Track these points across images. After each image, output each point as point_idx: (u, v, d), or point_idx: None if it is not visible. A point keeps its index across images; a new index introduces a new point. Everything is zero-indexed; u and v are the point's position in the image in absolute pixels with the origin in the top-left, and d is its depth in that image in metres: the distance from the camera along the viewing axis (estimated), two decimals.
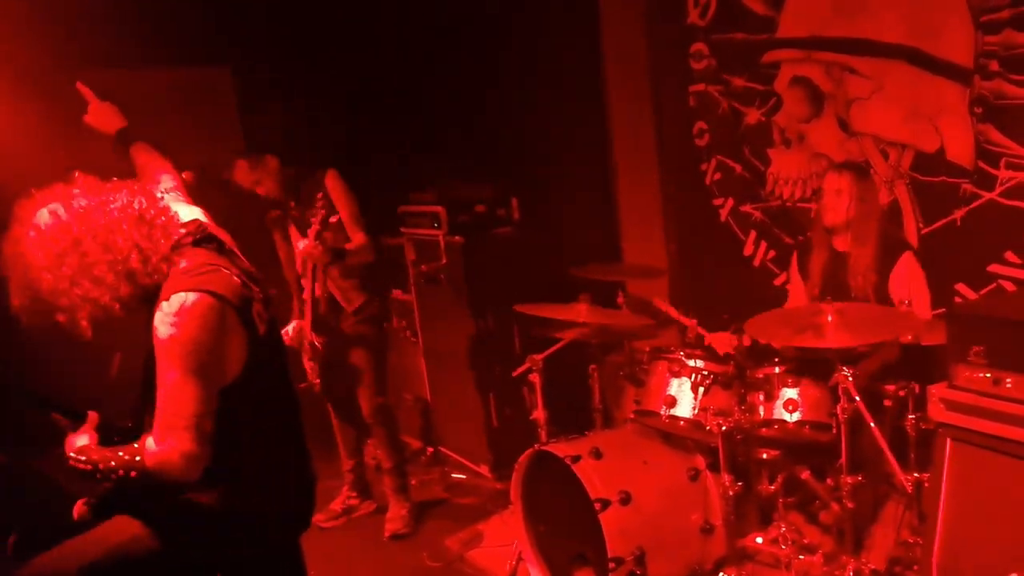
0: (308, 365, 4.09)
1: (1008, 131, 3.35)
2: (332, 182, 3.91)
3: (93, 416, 2.19)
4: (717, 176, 4.59)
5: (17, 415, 4.10)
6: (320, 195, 3.75)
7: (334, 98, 5.37)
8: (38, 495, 3.85)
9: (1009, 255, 3.42)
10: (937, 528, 2.50)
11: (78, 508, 2.20)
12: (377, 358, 4.08)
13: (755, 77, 4.29)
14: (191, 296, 1.94)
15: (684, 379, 3.20)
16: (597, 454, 3.22)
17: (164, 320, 1.93)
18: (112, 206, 1.99)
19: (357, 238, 3.91)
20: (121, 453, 1.93)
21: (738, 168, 4.47)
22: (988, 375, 2.36)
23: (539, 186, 4.88)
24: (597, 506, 3.06)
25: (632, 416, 3.42)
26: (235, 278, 2.08)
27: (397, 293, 5.09)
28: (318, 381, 4.09)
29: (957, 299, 3.55)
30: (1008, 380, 2.32)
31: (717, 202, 4.61)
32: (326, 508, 4.29)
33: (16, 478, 3.89)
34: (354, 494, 4.34)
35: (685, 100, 4.63)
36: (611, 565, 3.02)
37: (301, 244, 3.80)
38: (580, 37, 4.85)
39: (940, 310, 3.39)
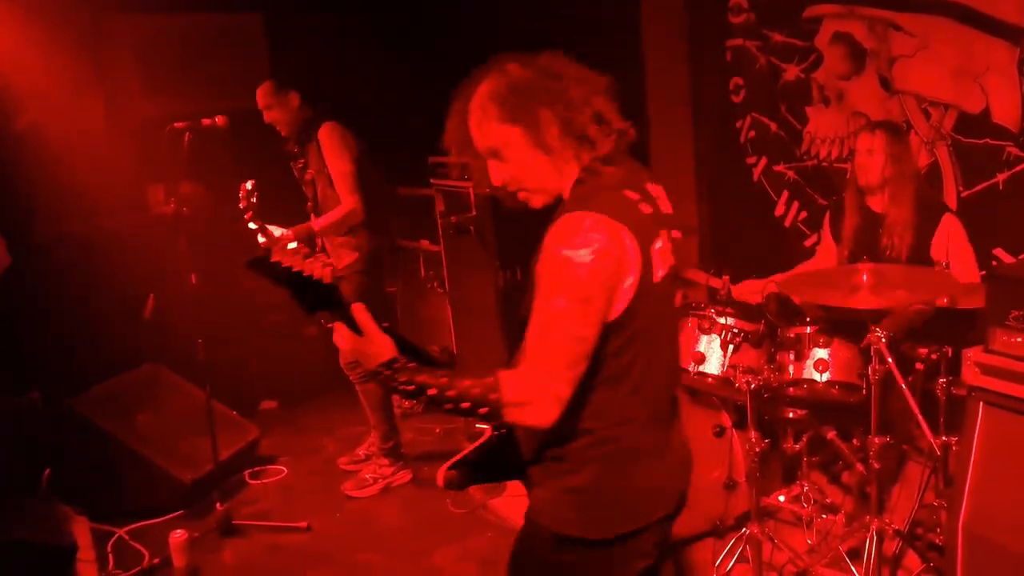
0: None
1: None
2: (324, 136, 3.88)
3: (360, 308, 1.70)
4: (751, 134, 4.52)
5: (56, 353, 4.20)
6: (314, 151, 3.75)
7: (365, 46, 5.33)
8: (71, 432, 3.95)
9: None
10: (965, 492, 2.49)
11: (444, 474, 1.87)
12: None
13: (795, 32, 4.19)
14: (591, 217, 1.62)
15: (714, 336, 3.19)
16: None
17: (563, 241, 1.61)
18: None
19: (346, 201, 3.86)
20: (465, 381, 1.60)
21: (773, 126, 4.40)
22: None
23: None
24: None
25: None
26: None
27: (425, 243, 5.09)
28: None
29: (994, 263, 3.50)
30: None
31: (750, 161, 4.55)
32: (352, 452, 4.37)
33: (49, 415, 3.97)
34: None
35: (722, 55, 4.55)
36: None
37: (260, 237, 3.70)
38: None
39: (979, 273, 3.34)
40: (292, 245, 1.92)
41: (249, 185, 3.62)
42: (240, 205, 3.63)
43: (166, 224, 4.02)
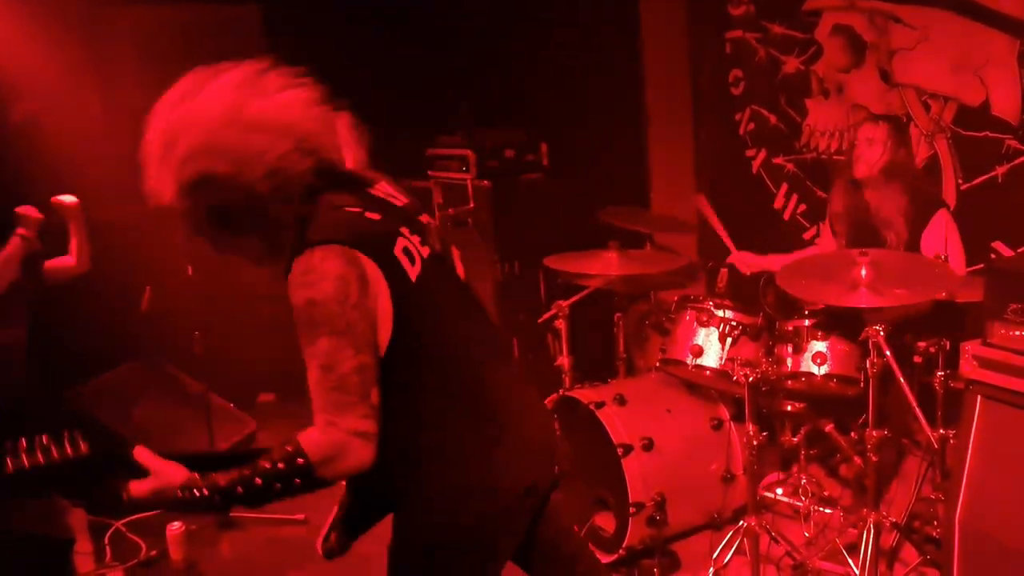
0: None
1: None
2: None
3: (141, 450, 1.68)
4: (751, 127, 4.50)
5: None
6: None
7: (362, 38, 5.30)
8: (71, 424, 3.93)
9: None
10: (962, 485, 2.49)
11: (322, 547, 1.91)
12: None
13: (795, 24, 4.17)
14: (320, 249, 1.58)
15: (712, 329, 3.19)
16: (621, 400, 3.23)
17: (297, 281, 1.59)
18: None
19: None
20: (265, 463, 1.56)
21: (773, 119, 4.38)
22: None
23: (570, 133, 4.82)
24: (619, 451, 3.08)
25: (658, 364, 3.42)
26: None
27: None
28: None
29: (993, 257, 3.49)
30: None
31: (750, 153, 4.53)
32: None
33: (45, 407, 3.95)
34: None
35: (721, 47, 4.53)
36: (631, 510, 3.05)
37: None
38: None
39: (976, 267, 3.34)
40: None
41: None
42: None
43: (163, 216, 4.00)
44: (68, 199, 3.47)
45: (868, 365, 2.86)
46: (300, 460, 1.55)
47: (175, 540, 3.42)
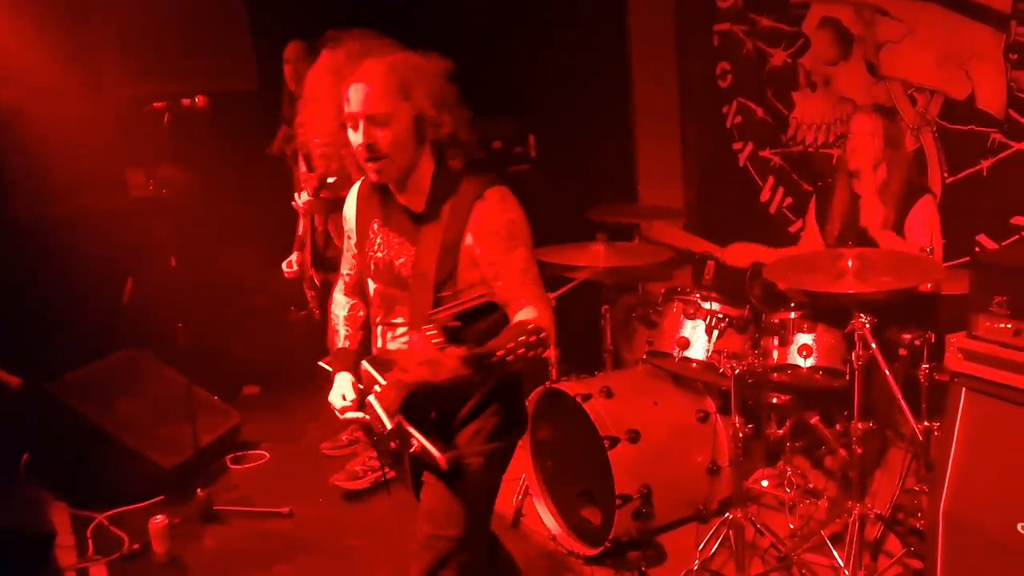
0: (308, 294, 4.08)
1: None
2: None
3: None
4: (738, 119, 4.50)
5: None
6: None
7: (349, 27, 5.26)
8: (53, 417, 3.90)
9: None
10: (946, 477, 2.50)
11: (445, 460, 2.01)
12: None
13: (782, 17, 4.17)
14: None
15: (699, 321, 3.19)
16: (608, 393, 3.23)
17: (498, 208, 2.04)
18: None
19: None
20: (521, 336, 1.74)
21: (760, 111, 4.38)
22: (1009, 326, 2.33)
23: (557, 125, 4.80)
24: (606, 444, 3.08)
25: (644, 357, 3.41)
26: None
27: None
28: (318, 311, 4.04)
29: (978, 250, 3.51)
30: None
31: (737, 146, 4.54)
32: (335, 437, 4.34)
33: (27, 400, 3.91)
34: None
35: (709, 39, 4.52)
36: (617, 502, 3.05)
37: (301, 198, 3.73)
38: None
39: (961, 260, 3.35)
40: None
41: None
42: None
43: (146, 207, 3.96)
44: None
45: (854, 358, 2.87)
46: (544, 334, 1.78)
47: (158, 533, 3.39)
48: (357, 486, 3.94)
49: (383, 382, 2.05)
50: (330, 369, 2.28)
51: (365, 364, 2.13)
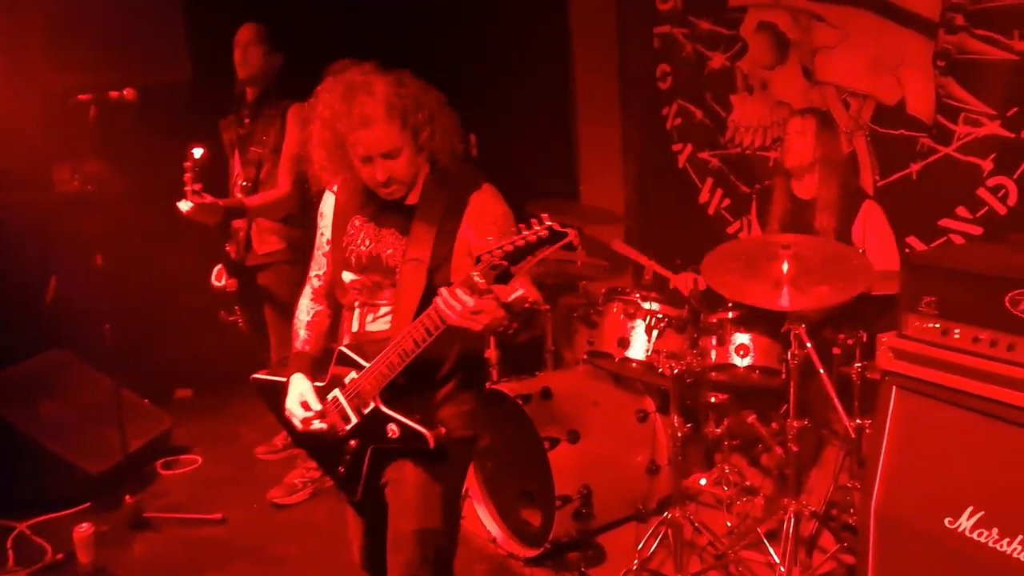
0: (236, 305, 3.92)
1: (969, 86, 3.37)
2: (293, 118, 3.64)
3: None
4: (678, 121, 4.55)
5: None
6: (276, 127, 3.60)
7: (285, 23, 5.15)
8: None
9: (960, 210, 3.46)
10: (877, 473, 2.54)
11: (433, 437, 2.04)
12: (284, 315, 3.60)
13: (721, 21, 4.23)
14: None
15: (639, 321, 3.20)
16: (547, 394, 3.21)
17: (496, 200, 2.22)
18: None
19: (282, 184, 3.64)
20: (525, 294, 1.98)
21: (699, 113, 4.43)
22: (938, 325, 2.39)
23: (499, 124, 4.77)
24: (546, 444, 3.06)
25: (585, 357, 3.41)
26: None
27: None
28: (242, 320, 3.86)
29: (907, 251, 3.60)
30: (957, 331, 2.34)
31: (676, 147, 4.58)
32: (269, 441, 4.24)
33: None
34: None
35: (649, 42, 4.56)
36: (557, 503, 3.04)
37: (182, 205, 3.34)
38: None
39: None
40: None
41: (197, 153, 3.34)
42: (185, 176, 3.34)
43: (71, 203, 3.81)
44: None
45: (789, 357, 2.91)
46: (536, 306, 2.02)
47: (83, 542, 3.26)
48: (296, 499, 3.82)
49: (365, 364, 2.08)
50: (278, 378, 2.29)
51: (344, 349, 2.16)
